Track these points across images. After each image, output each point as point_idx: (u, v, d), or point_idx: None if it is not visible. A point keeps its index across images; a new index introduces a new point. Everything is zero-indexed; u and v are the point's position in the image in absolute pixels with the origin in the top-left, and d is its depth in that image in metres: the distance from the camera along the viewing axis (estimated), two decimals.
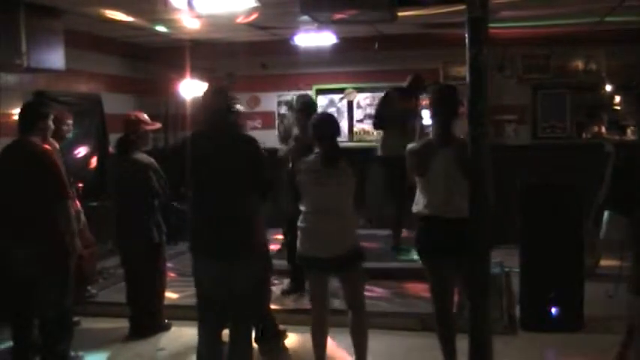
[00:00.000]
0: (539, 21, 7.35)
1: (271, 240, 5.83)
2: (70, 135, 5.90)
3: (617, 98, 7.95)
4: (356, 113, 8.98)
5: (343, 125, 8.75)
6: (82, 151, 7.35)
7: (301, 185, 4.20)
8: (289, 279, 6.01)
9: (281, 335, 5.06)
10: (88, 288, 6.08)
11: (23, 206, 4.32)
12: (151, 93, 8.80)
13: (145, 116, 5.43)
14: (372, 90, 8.79)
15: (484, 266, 3.08)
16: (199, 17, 6.68)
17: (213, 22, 7.01)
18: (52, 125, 4.66)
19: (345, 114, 8.97)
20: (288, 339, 5.10)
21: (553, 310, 5.23)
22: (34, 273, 4.31)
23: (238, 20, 6.90)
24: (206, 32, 7.77)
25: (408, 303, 5.78)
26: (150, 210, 5.21)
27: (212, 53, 8.60)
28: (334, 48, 7.88)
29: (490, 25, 2.99)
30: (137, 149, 5.26)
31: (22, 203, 4.31)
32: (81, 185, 6.02)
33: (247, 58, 8.70)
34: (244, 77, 8.85)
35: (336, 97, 8.98)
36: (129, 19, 6.83)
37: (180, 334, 5.31)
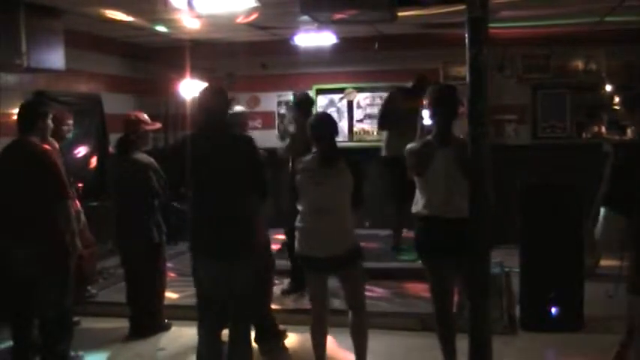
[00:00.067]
0: (539, 21, 7.34)
1: (272, 240, 5.82)
2: (70, 135, 5.90)
3: (617, 98, 7.94)
4: (356, 113, 8.96)
5: (343, 125, 8.73)
6: (82, 151, 7.35)
7: (299, 185, 4.20)
8: (289, 279, 6.01)
9: (281, 335, 5.06)
10: (88, 288, 6.09)
11: (23, 206, 4.32)
12: (151, 93, 8.79)
13: (145, 116, 5.43)
14: (372, 90, 8.79)
15: (484, 266, 3.08)
16: (199, 17, 6.67)
17: (213, 22, 7.01)
18: (51, 124, 4.67)
19: (345, 114, 8.95)
20: (288, 339, 5.10)
21: (553, 310, 5.24)
22: (34, 273, 4.31)
23: (238, 20, 6.89)
24: (206, 32, 7.76)
25: (408, 303, 5.78)
26: (150, 210, 5.21)
27: (212, 53, 8.59)
28: (334, 48, 7.87)
29: (490, 25, 3.00)
30: (137, 149, 5.26)
31: (22, 203, 4.31)
32: (81, 185, 6.01)
33: (247, 58, 8.69)
34: (244, 77, 8.85)
35: (336, 97, 8.96)
36: (129, 19, 6.82)
37: (180, 334, 5.31)
